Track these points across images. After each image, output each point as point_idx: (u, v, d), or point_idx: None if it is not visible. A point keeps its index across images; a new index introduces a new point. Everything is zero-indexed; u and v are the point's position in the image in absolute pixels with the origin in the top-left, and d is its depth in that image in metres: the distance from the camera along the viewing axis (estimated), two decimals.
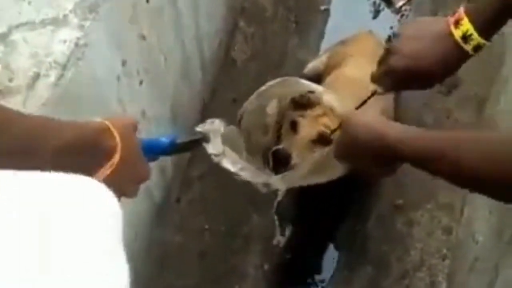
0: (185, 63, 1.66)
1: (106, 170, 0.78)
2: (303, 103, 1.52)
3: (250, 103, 1.44)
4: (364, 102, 1.22)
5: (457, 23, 0.97)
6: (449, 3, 2.26)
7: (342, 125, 1.03)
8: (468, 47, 0.96)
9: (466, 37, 0.96)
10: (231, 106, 2.09)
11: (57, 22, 1.06)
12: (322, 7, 2.38)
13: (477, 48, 0.97)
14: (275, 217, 1.93)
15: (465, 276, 1.57)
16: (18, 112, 0.76)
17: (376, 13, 2.36)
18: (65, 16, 1.07)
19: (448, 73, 1.02)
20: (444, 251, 1.80)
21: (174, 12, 1.51)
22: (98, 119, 0.81)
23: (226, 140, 1.21)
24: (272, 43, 2.24)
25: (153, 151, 0.97)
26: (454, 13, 0.99)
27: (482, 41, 0.96)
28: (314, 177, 1.39)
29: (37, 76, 0.99)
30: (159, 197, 1.60)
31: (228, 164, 1.24)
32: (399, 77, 1.05)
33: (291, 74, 2.22)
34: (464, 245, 1.68)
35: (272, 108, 1.52)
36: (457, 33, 0.96)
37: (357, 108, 1.24)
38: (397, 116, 1.87)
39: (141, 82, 1.35)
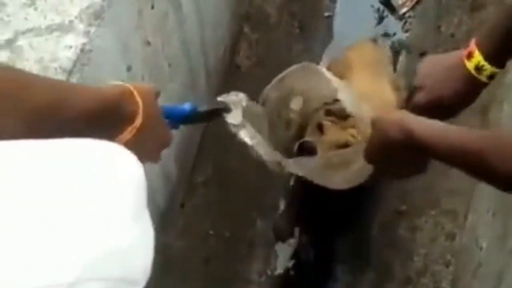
0: (189, 69, 1.67)
1: (128, 134, 0.78)
2: (336, 113, 1.52)
3: (271, 91, 1.43)
4: None
5: (469, 56, 1.03)
6: (452, 9, 2.27)
7: (372, 125, 1.03)
8: (482, 77, 1.03)
9: (479, 68, 1.02)
10: None
11: (63, 28, 1.08)
12: (326, 14, 2.39)
13: (491, 76, 1.03)
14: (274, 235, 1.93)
15: (468, 282, 1.57)
16: (40, 76, 0.77)
17: (380, 20, 2.36)
18: (70, 22, 1.08)
19: (469, 102, 1.08)
20: (448, 257, 1.80)
21: (179, 19, 1.52)
22: (120, 83, 0.81)
23: (248, 114, 1.20)
24: (276, 49, 2.25)
25: (174, 118, 0.97)
26: (467, 46, 1.05)
27: (494, 70, 1.02)
28: (329, 173, 1.38)
29: None
30: (163, 202, 1.61)
31: (245, 136, 1.21)
32: (423, 113, 1.08)
33: None
34: (467, 251, 1.68)
35: (296, 104, 1.51)
36: (470, 66, 1.03)
37: None
38: None
39: None
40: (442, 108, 1.07)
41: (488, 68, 1.02)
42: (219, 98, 1.17)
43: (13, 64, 1.02)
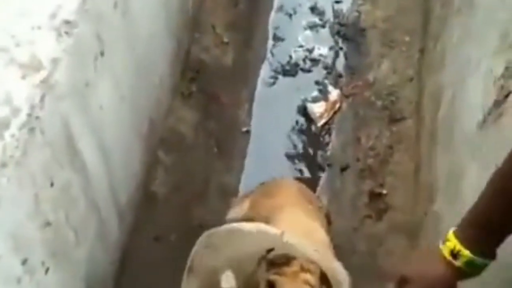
0: (100, 222, 1.53)
1: None
2: (278, 262, 1.38)
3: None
4: None
5: (444, 242, 0.98)
6: (370, 121, 2.25)
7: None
8: (458, 263, 0.96)
9: (454, 254, 0.97)
10: (153, 244, 1.96)
11: None
12: (244, 129, 2.30)
13: (470, 263, 0.96)
14: None
15: None
16: None
17: (299, 133, 2.30)
18: None
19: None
20: None
21: (84, 180, 1.38)
22: None
23: None
24: (194, 171, 2.14)
25: None
26: None
27: (472, 256, 0.95)
28: None
29: None
30: None
31: None
32: None
33: (216, 200, 2.12)
34: None
35: (229, 281, 1.37)
36: (446, 250, 0.98)
37: None
38: None
39: (47, 271, 1.21)
40: None
41: (465, 254, 0.95)
42: None
43: None
